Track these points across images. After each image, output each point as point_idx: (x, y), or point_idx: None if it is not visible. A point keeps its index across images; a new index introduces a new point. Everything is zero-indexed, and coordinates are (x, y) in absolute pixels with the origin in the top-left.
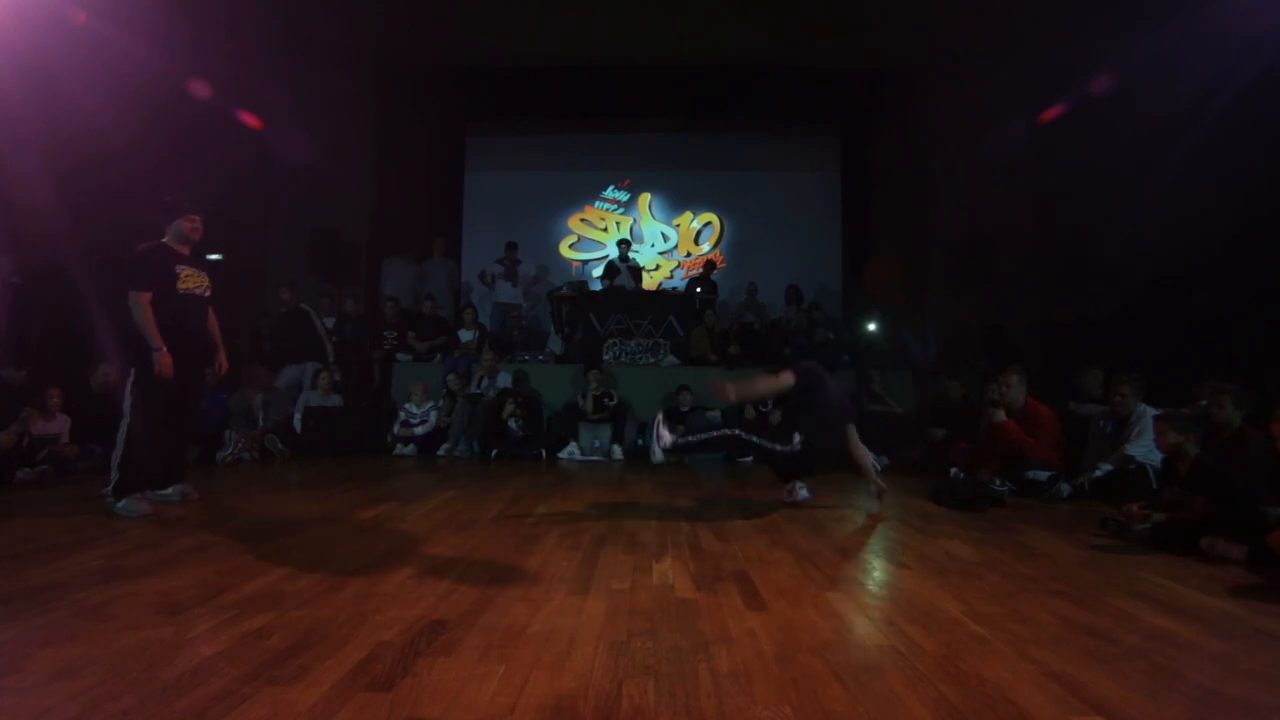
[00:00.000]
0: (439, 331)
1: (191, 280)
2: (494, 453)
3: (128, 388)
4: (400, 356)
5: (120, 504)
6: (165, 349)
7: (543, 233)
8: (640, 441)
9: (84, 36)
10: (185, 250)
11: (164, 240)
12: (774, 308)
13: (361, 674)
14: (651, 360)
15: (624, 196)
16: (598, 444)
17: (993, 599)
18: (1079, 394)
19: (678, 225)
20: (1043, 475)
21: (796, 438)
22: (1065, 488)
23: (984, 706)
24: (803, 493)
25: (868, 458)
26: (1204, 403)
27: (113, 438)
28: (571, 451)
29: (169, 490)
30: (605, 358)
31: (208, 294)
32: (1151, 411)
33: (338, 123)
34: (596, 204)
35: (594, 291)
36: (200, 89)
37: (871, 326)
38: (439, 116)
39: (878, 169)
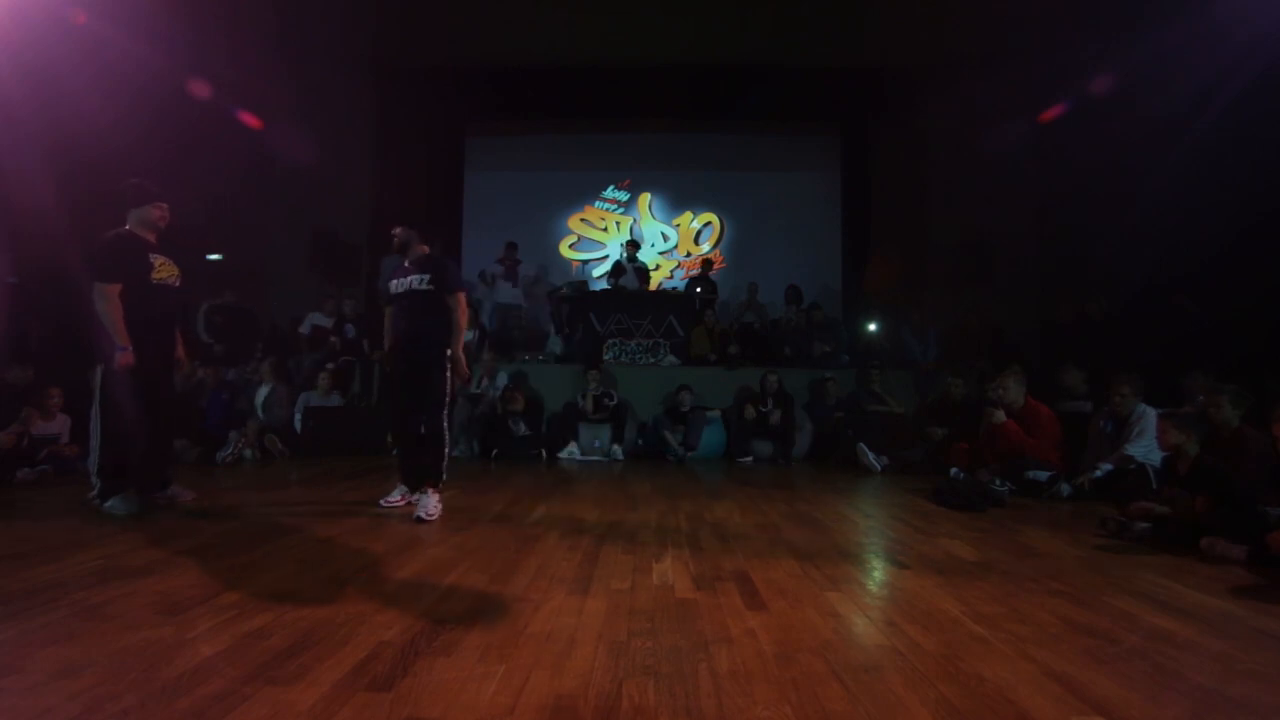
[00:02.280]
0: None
1: (165, 270)
2: (494, 453)
3: (96, 387)
4: None
5: (108, 504)
6: (129, 349)
7: (543, 233)
8: (640, 441)
9: (84, 36)
10: (152, 238)
11: (128, 228)
12: (774, 308)
13: (361, 674)
14: (651, 360)
15: (624, 196)
16: (598, 444)
17: (993, 599)
18: (1066, 394)
19: (678, 225)
20: (1043, 475)
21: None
22: (1065, 488)
23: (984, 706)
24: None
25: None
26: (1201, 398)
27: (87, 444)
28: (571, 451)
29: (168, 490)
30: (605, 358)
31: (178, 284)
32: (1152, 411)
33: (338, 123)
34: (596, 204)
35: (594, 291)
36: (200, 89)
37: (871, 326)
38: (439, 116)
39: (878, 169)
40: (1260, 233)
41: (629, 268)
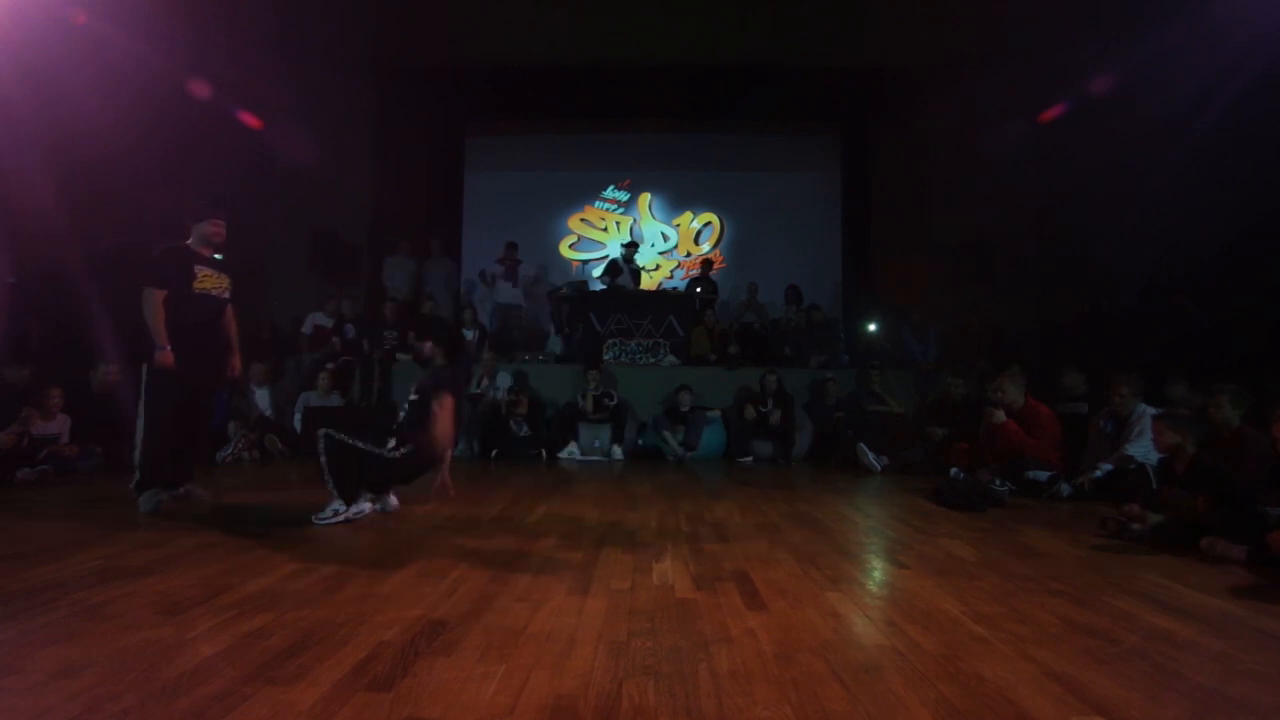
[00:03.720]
0: (439, 331)
1: (209, 281)
2: (494, 453)
3: (142, 385)
4: (400, 356)
5: (142, 497)
6: (168, 348)
7: (543, 233)
8: (640, 442)
9: (84, 36)
10: (206, 252)
11: (187, 242)
12: (774, 308)
13: (361, 674)
14: (651, 360)
15: (624, 196)
16: (598, 444)
17: (993, 599)
18: (1065, 395)
19: (678, 225)
20: (1043, 475)
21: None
22: (1065, 488)
23: (984, 706)
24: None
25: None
26: (1175, 388)
27: (132, 437)
28: (571, 451)
29: (180, 490)
30: (605, 358)
31: (226, 295)
32: (1151, 411)
33: (338, 123)
34: (596, 204)
35: (594, 291)
36: (200, 89)
37: (871, 327)
38: (439, 116)
39: (878, 169)
40: (1260, 233)
41: (625, 268)
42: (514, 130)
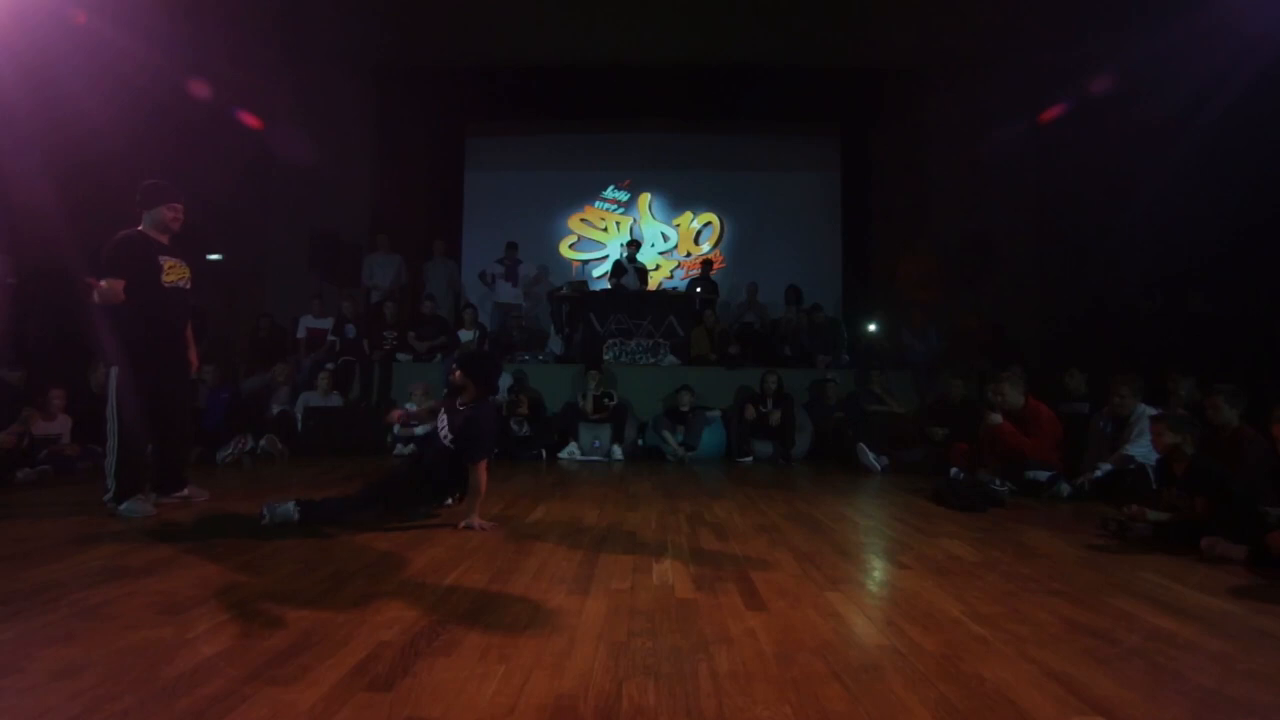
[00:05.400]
0: (439, 331)
1: (175, 272)
2: (494, 452)
3: (111, 390)
4: (400, 356)
5: (123, 507)
6: (109, 280)
7: (543, 233)
8: (640, 442)
9: (84, 36)
10: (164, 239)
11: (140, 228)
12: (774, 308)
13: (361, 674)
14: (651, 360)
15: (624, 196)
16: (598, 444)
17: (993, 599)
18: (1066, 395)
19: (678, 225)
20: (1043, 475)
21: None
22: (1065, 488)
23: (984, 706)
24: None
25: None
26: (1177, 389)
27: (103, 445)
28: (571, 451)
29: (184, 491)
30: (605, 358)
31: (190, 286)
32: (1150, 411)
33: (338, 123)
34: (596, 204)
35: (594, 291)
36: (200, 89)
37: (872, 327)
38: (439, 116)
39: (878, 169)
40: (1260, 233)
41: (629, 267)
42: (514, 130)
